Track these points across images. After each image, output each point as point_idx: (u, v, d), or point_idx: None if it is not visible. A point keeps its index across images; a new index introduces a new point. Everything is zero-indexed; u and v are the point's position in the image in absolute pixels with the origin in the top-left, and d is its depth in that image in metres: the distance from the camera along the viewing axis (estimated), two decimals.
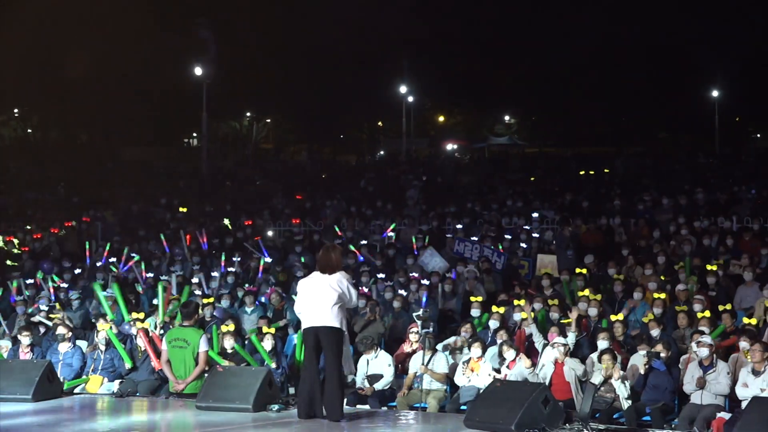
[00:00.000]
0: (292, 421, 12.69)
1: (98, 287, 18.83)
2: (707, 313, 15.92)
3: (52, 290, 20.81)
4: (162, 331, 16.43)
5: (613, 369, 14.06)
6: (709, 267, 19.01)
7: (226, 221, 26.98)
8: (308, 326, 12.66)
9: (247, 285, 20.58)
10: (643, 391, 14.12)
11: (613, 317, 16.22)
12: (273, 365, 15.29)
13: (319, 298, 12.53)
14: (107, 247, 24.43)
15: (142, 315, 17.34)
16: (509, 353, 14.98)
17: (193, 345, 14.72)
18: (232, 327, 16.17)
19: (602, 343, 14.72)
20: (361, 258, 22.81)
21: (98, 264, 23.28)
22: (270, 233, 26.80)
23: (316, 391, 12.53)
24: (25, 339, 16.44)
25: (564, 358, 14.50)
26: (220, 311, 18.36)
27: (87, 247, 24.97)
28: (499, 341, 15.49)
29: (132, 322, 16.99)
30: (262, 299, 19.63)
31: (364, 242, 24.25)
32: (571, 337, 15.29)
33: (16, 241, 27.18)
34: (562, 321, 16.30)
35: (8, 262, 24.69)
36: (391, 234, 25.46)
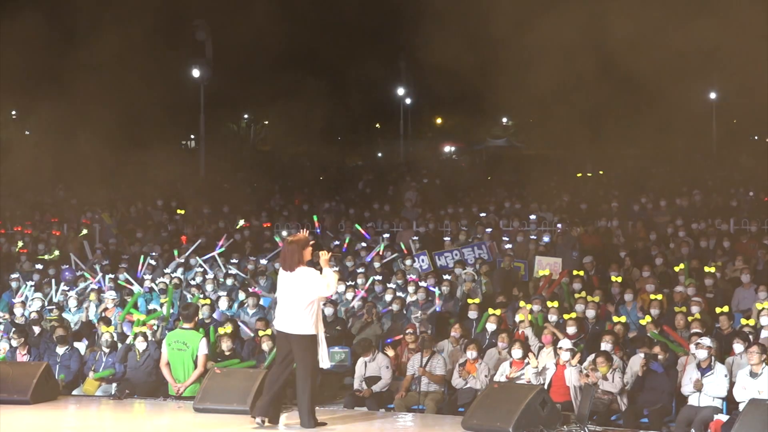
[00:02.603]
0: (290, 423, 12.69)
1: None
2: (697, 315, 15.92)
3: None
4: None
5: (607, 371, 14.06)
6: (706, 269, 19.02)
7: (241, 222, 26.90)
8: (280, 330, 12.47)
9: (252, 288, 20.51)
10: (640, 393, 14.14)
11: (615, 319, 16.23)
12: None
13: (289, 301, 12.28)
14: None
15: (142, 317, 17.31)
16: (517, 352, 14.93)
17: (192, 347, 14.71)
18: (229, 329, 16.16)
19: (605, 345, 14.69)
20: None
21: (96, 266, 23.24)
22: (285, 233, 26.72)
23: (278, 395, 12.50)
24: (14, 341, 16.42)
25: (574, 362, 14.42)
26: (218, 313, 18.35)
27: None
28: (501, 344, 15.49)
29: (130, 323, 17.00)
30: (260, 301, 19.61)
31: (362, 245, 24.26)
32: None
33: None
34: (565, 316, 16.26)
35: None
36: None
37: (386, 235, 25.14)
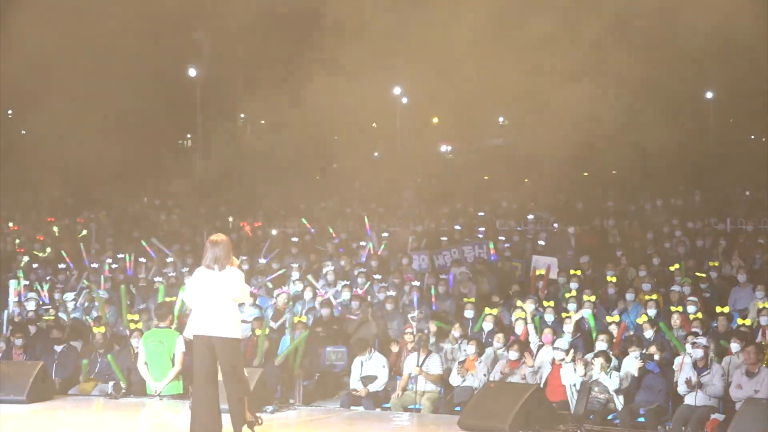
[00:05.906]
0: (287, 422, 12.68)
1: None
2: (699, 315, 15.93)
3: (46, 294, 20.75)
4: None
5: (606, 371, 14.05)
6: (698, 274, 19.00)
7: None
8: (202, 334, 11.00)
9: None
10: (637, 393, 14.13)
11: (608, 318, 16.23)
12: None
13: (216, 302, 10.99)
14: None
15: (136, 317, 17.30)
16: (513, 354, 14.92)
17: (169, 346, 14.69)
18: None
19: (601, 345, 14.70)
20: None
21: (94, 266, 23.24)
22: (274, 232, 26.75)
23: (237, 407, 11.11)
24: (17, 340, 16.41)
25: (569, 359, 14.41)
26: None
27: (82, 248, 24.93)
28: (497, 344, 15.48)
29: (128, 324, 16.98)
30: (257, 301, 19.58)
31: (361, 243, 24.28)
32: (565, 340, 15.26)
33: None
34: (563, 315, 16.26)
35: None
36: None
37: (385, 234, 25.13)
